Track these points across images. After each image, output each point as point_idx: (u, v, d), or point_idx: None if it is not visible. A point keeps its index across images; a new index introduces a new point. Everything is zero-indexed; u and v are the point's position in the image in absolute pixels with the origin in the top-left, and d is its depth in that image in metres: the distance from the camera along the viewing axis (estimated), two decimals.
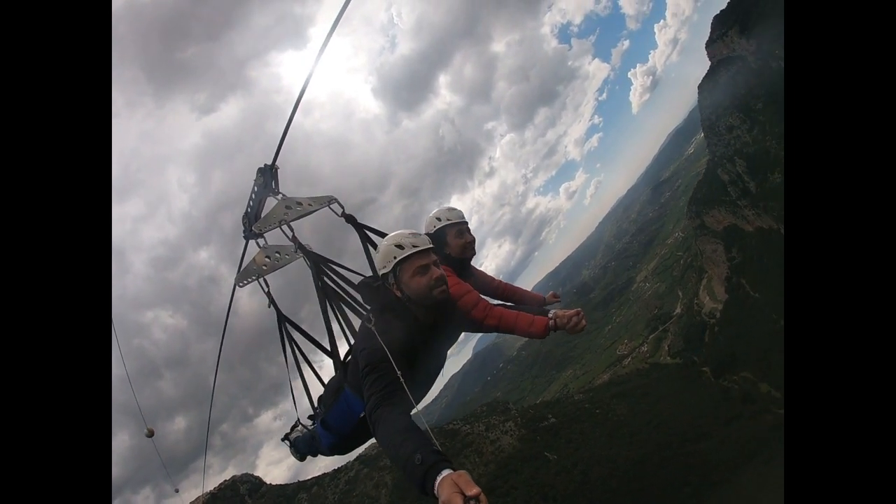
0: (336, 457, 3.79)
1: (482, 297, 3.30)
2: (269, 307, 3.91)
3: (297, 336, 3.98)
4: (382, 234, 3.48)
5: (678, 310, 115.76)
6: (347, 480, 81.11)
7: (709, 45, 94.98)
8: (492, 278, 4.00)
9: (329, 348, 3.48)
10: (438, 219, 3.63)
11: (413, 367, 2.62)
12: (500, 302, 3.64)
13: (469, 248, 3.65)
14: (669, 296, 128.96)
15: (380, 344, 2.44)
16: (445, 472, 1.74)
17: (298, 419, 3.95)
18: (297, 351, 3.94)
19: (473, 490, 1.63)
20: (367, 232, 3.65)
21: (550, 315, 3.06)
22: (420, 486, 1.81)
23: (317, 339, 3.92)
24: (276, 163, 3.61)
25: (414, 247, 2.70)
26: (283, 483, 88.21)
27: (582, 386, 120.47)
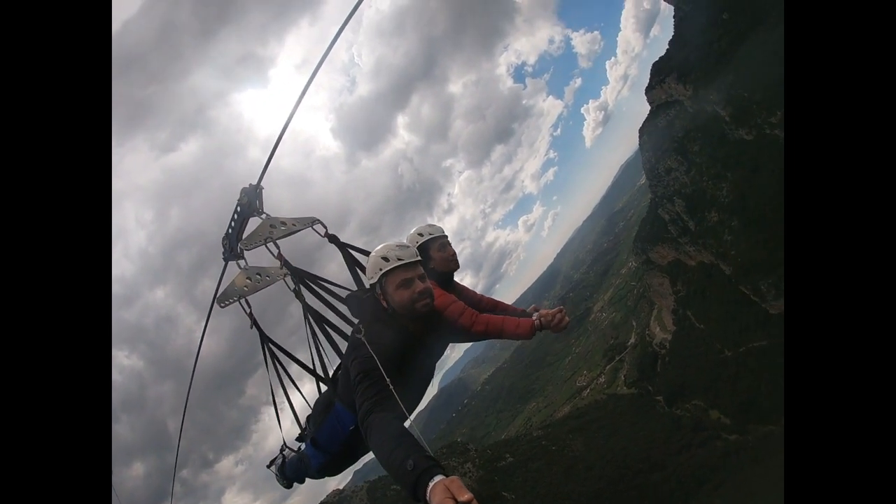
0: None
1: (466, 307, 3.38)
2: (252, 328, 3.85)
3: (279, 357, 3.94)
4: (366, 253, 3.52)
5: (632, 339, 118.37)
6: None
7: (648, 90, 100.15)
8: (473, 292, 4.09)
9: (313, 367, 3.58)
10: (420, 234, 3.75)
11: (403, 376, 2.66)
12: None
13: (452, 260, 3.77)
14: (624, 325, 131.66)
15: (371, 352, 2.52)
16: (438, 478, 1.75)
17: (285, 443, 3.91)
18: (281, 372, 3.88)
19: (465, 496, 1.63)
20: (351, 251, 3.74)
21: (535, 316, 3.22)
22: (412, 492, 1.81)
23: (300, 359, 3.91)
24: (261, 183, 3.65)
25: (399, 259, 2.80)
26: None
27: (543, 419, 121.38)
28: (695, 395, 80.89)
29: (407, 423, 2.35)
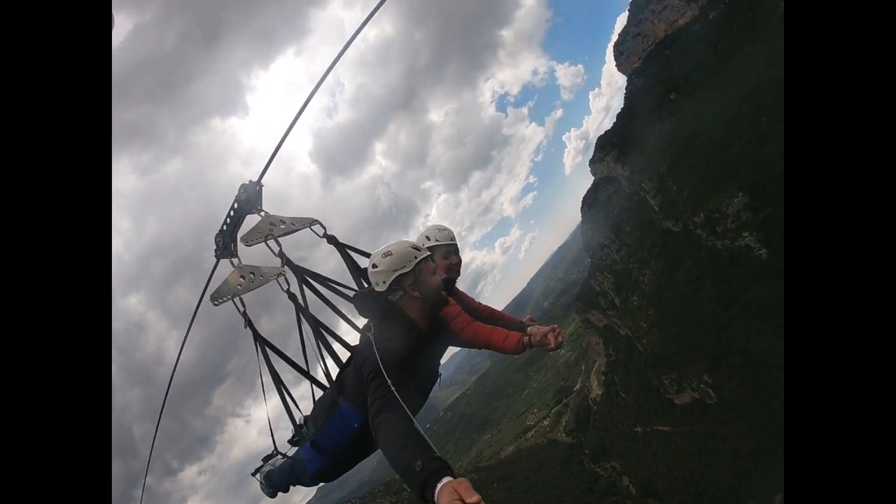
0: None
1: (462, 311, 3.36)
2: (246, 328, 3.70)
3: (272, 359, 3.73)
4: (365, 254, 3.63)
5: (577, 386, 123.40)
6: None
7: (591, 162, 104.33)
8: (472, 299, 4.09)
9: (306, 370, 3.52)
10: (428, 237, 3.75)
11: (411, 375, 2.70)
12: None
13: (453, 269, 3.79)
14: (576, 367, 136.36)
15: (382, 350, 2.56)
16: (446, 480, 1.76)
17: (276, 448, 3.75)
18: (276, 374, 3.71)
19: (473, 497, 1.63)
20: (350, 252, 3.73)
21: (527, 331, 3.14)
22: (419, 493, 1.82)
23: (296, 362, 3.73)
24: (262, 180, 3.59)
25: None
26: None
27: (492, 455, 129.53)
28: (613, 458, 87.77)
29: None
